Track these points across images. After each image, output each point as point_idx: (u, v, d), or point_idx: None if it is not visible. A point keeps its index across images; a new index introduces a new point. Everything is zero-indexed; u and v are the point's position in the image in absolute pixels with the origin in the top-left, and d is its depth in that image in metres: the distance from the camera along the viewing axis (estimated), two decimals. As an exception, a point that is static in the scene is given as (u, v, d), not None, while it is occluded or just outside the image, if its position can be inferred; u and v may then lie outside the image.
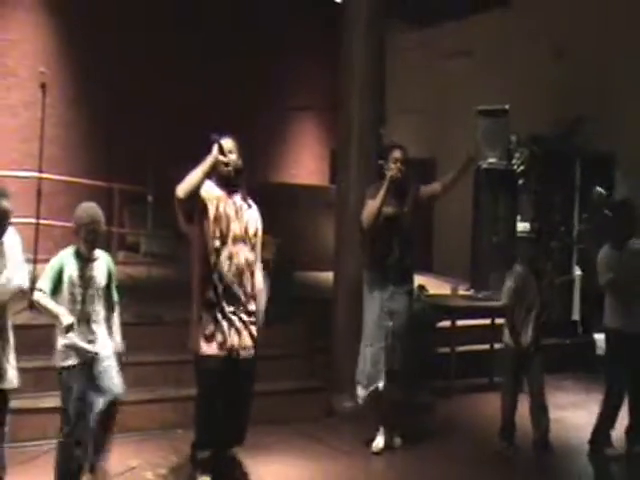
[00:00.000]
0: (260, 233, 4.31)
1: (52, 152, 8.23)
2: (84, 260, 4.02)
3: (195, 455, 4.22)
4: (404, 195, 4.98)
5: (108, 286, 4.11)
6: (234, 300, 4.10)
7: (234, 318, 4.10)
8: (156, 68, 9.93)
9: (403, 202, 4.97)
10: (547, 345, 5.41)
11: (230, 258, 4.09)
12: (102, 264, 4.10)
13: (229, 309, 4.08)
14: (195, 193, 4.00)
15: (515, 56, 10.11)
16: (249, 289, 4.18)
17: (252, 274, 4.20)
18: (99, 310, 4.05)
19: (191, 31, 10.30)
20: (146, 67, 9.88)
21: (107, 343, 4.08)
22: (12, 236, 3.76)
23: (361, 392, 4.98)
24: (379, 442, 5.05)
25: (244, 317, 4.14)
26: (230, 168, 4.17)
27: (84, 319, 3.98)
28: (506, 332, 5.15)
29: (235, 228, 4.14)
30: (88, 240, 4.00)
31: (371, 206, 4.88)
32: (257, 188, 4.62)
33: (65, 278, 3.94)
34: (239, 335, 4.11)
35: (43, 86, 5.79)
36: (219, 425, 4.13)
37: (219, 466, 4.26)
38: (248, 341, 4.15)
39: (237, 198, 4.22)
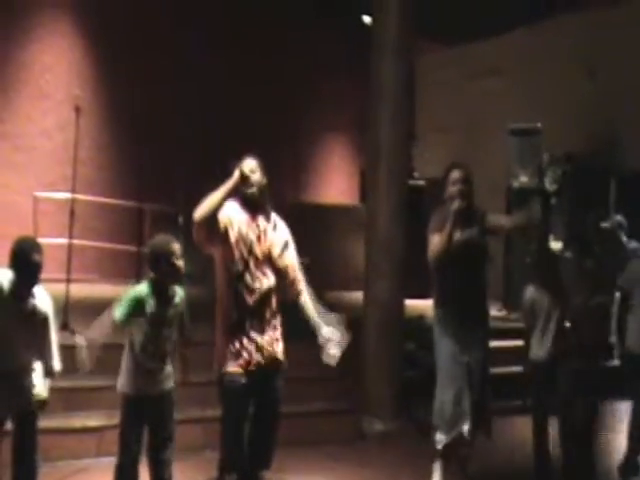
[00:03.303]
0: (288, 254, 4.19)
1: (85, 174, 8.33)
2: (162, 299, 3.86)
3: (222, 477, 4.19)
4: (470, 219, 4.42)
5: (180, 325, 4.01)
6: (257, 321, 4.04)
7: (258, 338, 4.04)
8: (188, 92, 10.03)
9: (469, 227, 4.42)
10: (579, 370, 5.19)
11: (252, 283, 4.02)
12: (176, 303, 3.96)
13: (252, 330, 4.03)
14: (211, 217, 3.91)
15: (547, 73, 10.01)
16: (273, 307, 4.11)
17: (276, 297, 4.11)
18: (171, 350, 3.99)
19: (222, 56, 10.41)
20: (178, 90, 9.98)
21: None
22: (43, 298, 3.69)
23: (440, 437, 4.46)
24: None
25: (269, 334, 4.07)
26: (254, 189, 4.06)
27: (157, 357, 3.90)
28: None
29: (257, 252, 4.05)
30: (168, 274, 3.84)
31: (438, 241, 4.35)
32: (287, 208, 4.56)
33: (143, 316, 3.80)
34: (263, 353, 4.05)
35: (77, 109, 5.88)
36: (245, 447, 4.07)
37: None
38: (273, 358, 4.08)
39: (261, 220, 4.12)
